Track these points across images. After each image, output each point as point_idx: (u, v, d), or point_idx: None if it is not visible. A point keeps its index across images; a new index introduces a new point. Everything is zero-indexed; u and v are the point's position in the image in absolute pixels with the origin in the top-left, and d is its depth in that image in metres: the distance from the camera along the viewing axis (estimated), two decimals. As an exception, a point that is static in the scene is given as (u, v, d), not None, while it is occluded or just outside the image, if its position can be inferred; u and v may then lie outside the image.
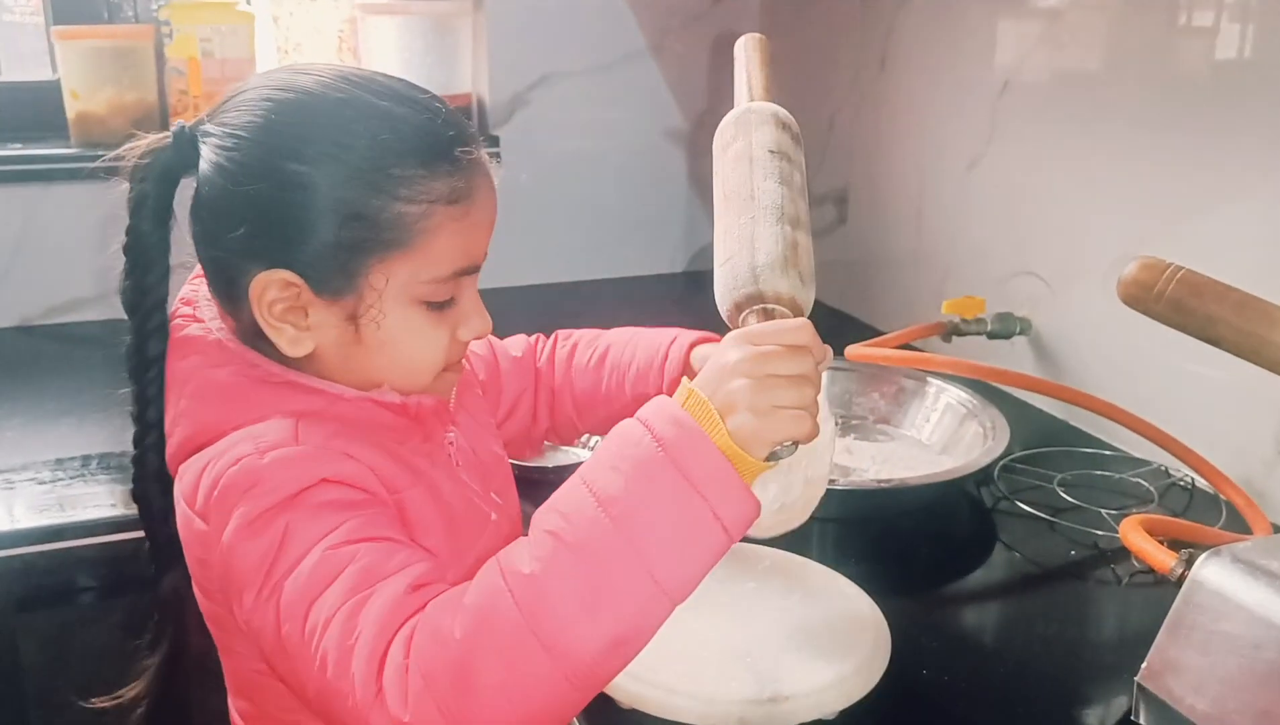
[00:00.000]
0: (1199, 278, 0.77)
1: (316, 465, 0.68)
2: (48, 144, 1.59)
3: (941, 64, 1.50)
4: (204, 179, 0.71)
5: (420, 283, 0.72)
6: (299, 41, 1.64)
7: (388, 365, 0.75)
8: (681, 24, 1.84)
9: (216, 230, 0.71)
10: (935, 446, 1.22)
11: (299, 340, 0.72)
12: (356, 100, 0.71)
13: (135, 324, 0.75)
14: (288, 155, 0.69)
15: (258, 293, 0.70)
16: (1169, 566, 0.79)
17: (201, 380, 0.73)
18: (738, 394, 0.62)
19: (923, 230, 1.56)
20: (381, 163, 0.69)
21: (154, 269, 0.75)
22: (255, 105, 0.71)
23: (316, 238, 0.69)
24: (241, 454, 0.68)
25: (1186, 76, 1.16)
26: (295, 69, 0.74)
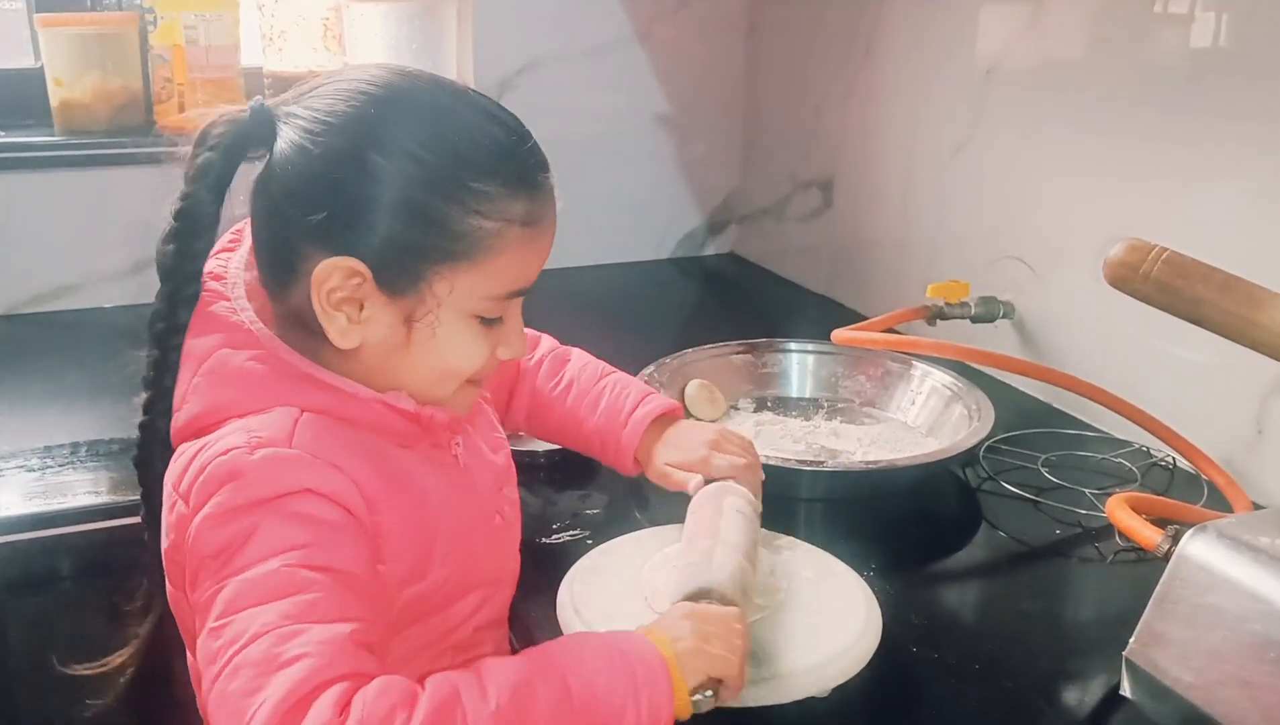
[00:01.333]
0: (1184, 259, 0.79)
1: (302, 472, 0.69)
2: (31, 131, 1.58)
3: (926, 51, 1.51)
4: (282, 158, 0.72)
5: (479, 297, 0.74)
6: (284, 29, 1.63)
7: (422, 370, 0.76)
8: (669, 9, 1.85)
9: (287, 209, 0.72)
10: (921, 428, 1.23)
11: (348, 332, 0.73)
12: (450, 109, 0.73)
13: (169, 289, 0.75)
14: (376, 148, 0.70)
15: (322, 276, 0.71)
16: (1155, 543, 0.81)
17: (218, 361, 0.74)
18: (684, 630, 0.70)
19: (908, 215, 1.58)
20: (465, 175, 0.71)
21: (202, 237, 0.75)
22: (350, 95, 0.72)
23: (390, 234, 0.70)
24: (232, 445, 0.69)
25: (1165, 63, 1.17)
26: (392, 68, 0.75)
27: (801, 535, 0.96)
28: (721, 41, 1.91)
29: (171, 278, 0.75)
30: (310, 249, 0.71)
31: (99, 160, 1.57)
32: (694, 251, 2.01)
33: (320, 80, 0.75)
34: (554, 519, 1.03)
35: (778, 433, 1.21)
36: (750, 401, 1.30)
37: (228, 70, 1.62)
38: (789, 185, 1.84)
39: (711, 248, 2.02)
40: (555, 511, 1.05)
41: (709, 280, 1.95)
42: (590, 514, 1.05)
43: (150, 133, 1.61)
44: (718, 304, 1.92)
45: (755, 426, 1.22)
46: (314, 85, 0.74)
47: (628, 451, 0.96)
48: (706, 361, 1.29)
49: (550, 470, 1.12)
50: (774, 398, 1.31)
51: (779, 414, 1.27)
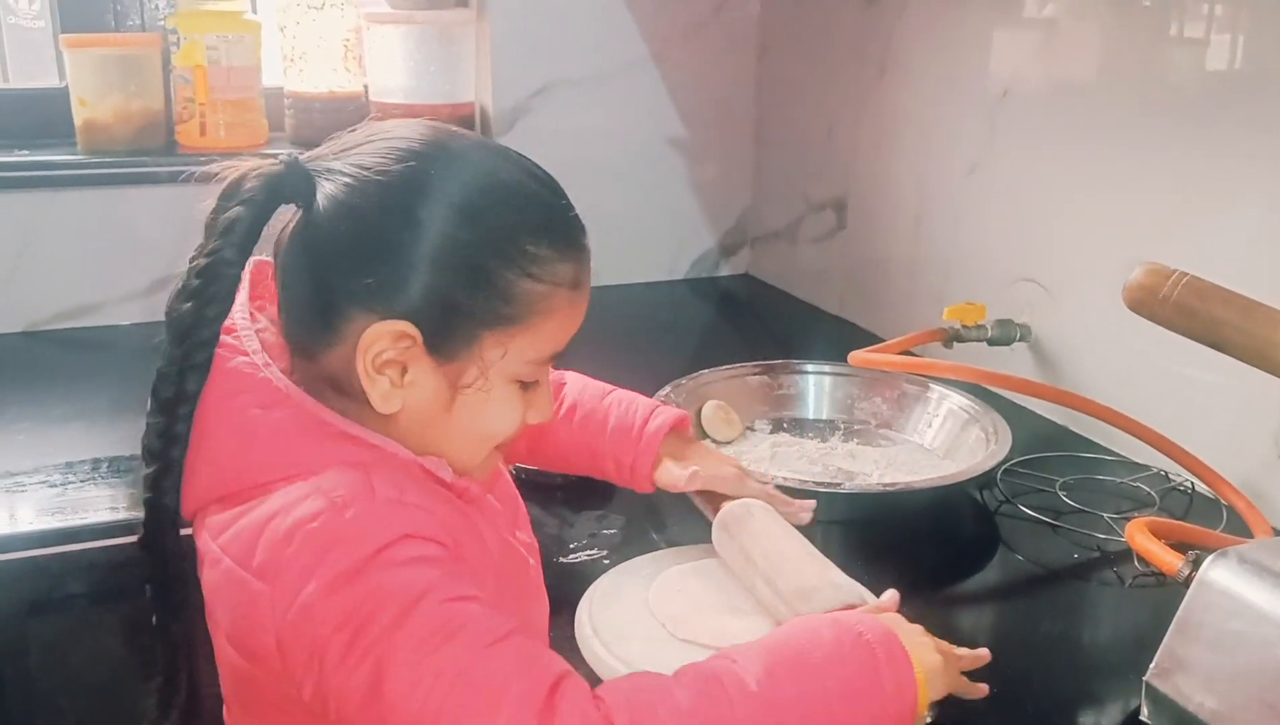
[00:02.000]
0: (1204, 283, 0.79)
1: (397, 520, 0.65)
2: (55, 150, 1.60)
3: (940, 72, 1.52)
4: (326, 216, 0.69)
5: (524, 361, 0.73)
6: (305, 51, 1.65)
7: (460, 436, 0.74)
8: (683, 33, 1.86)
9: (332, 269, 0.69)
10: (938, 451, 1.23)
11: (391, 396, 0.70)
12: (499, 170, 0.72)
13: (180, 352, 0.70)
14: (430, 209, 0.68)
15: (370, 339, 0.69)
16: (1175, 567, 0.81)
17: (246, 421, 0.70)
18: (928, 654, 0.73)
19: (922, 236, 1.58)
20: (520, 236, 0.70)
21: (220, 301, 0.70)
22: (400, 153, 0.69)
23: (443, 296, 0.69)
24: (317, 510, 0.65)
25: (1180, 85, 1.18)
26: (436, 126, 0.73)
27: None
28: (734, 64, 1.92)
29: (184, 341, 0.70)
30: (356, 310, 0.69)
31: (121, 180, 1.59)
32: (708, 272, 2.01)
33: (358, 136, 0.73)
34: (571, 539, 1.04)
35: (794, 454, 1.21)
36: (766, 423, 1.30)
37: (249, 91, 1.64)
38: (802, 206, 1.85)
39: (725, 269, 2.02)
40: (573, 532, 1.05)
41: (723, 301, 1.96)
42: (608, 534, 1.05)
43: (172, 153, 1.63)
44: (732, 325, 1.92)
45: (771, 448, 1.23)
46: (352, 141, 0.72)
47: (644, 469, 0.95)
48: (722, 383, 1.29)
49: (567, 490, 1.12)
50: (790, 419, 1.31)
51: (795, 435, 1.28)
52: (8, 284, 1.58)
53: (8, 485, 1.14)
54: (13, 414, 1.31)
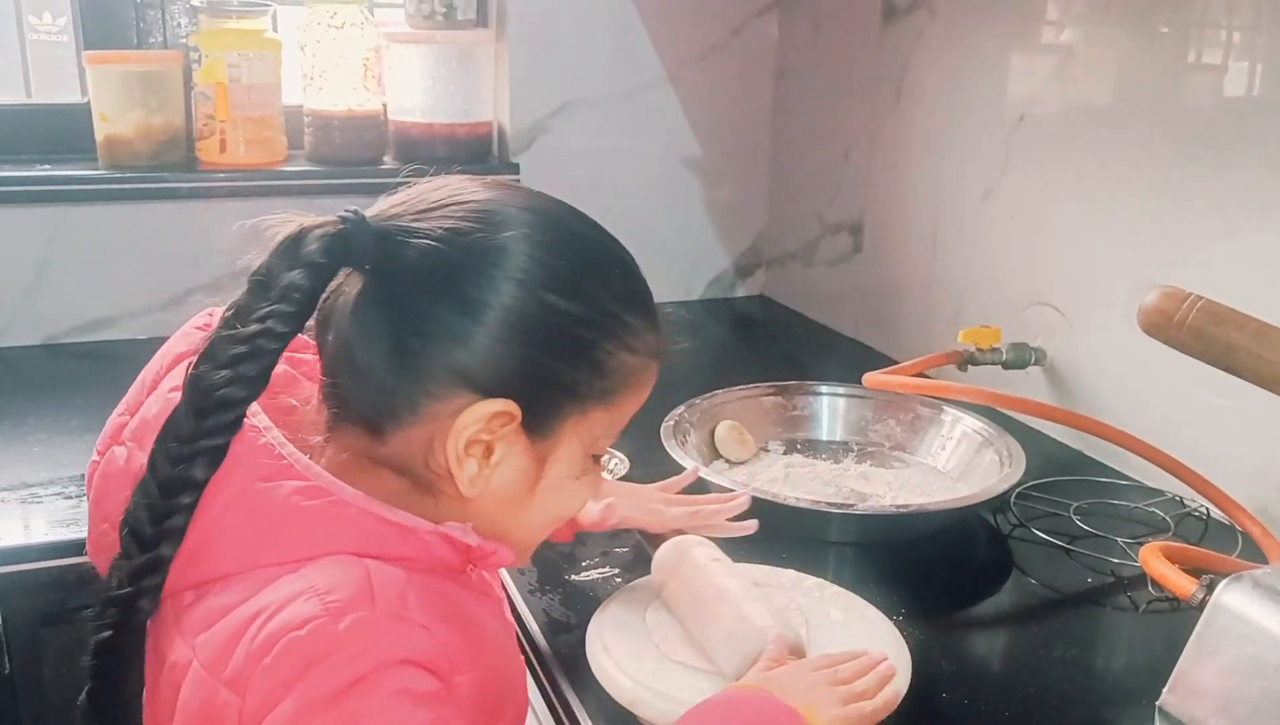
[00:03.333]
0: (1219, 307, 0.79)
1: (396, 640, 0.58)
2: (76, 165, 1.61)
3: (957, 96, 1.52)
4: (409, 282, 0.63)
5: (606, 436, 0.69)
6: (325, 69, 1.66)
7: (539, 516, 0.70)
8: (700, 54, 1.87)
9: (416, 341, 0.63)
10: (951, 474, 1.23)
11: (478, 479, 0.65)
12: (592, 235, 0.69)
13: (195, 429, 0.61)
14: (533, 278, 0.64)
15: (470, 419, 0.63)
16: (1190, 592, 0.80)
17: (240, 493, 0.61)
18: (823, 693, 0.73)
19: (937, 260, 1.58)
20: (619, 308, 0.67)
21: (257, 381, 0.62)
22: (492, 214, 0.64)
23: (544, 371, 0.64)
24: (307, 616, 0.57)
25: (1197, 111, 1.18)
26: (515, 188, 0.69)
27: (830, 578, 0.96)
28: (751, 85, 1.93)
29: (205, 416, 0.61)
30: (447, 387, 0.63)
31: (141, 195, 1.60)
32: (723, 293, 2.01)
33: (436, 194, 0.66)
34: (583, 556, 1.04)
35: (807, 475, 1.21)
36: (780, 443, 1.30)
37: (269, 108, 1.65)
38: (818, 228, 1.85)
39: (741, 290, 2.03)
40: (585, 549, 1.05)
41: (738, 322, 1.96)
42: (620, 552, 1.05)
43: (192, 169, 1.64)
44: (747, 346, 1.92)
45: (785, 469, 1.23)
46: (432, 200, 0.66)
47: None
48: (736, 403, 1.30)
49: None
50: (804, 440, 1.31)
51: (809, 456, 1.27)
52: (28, 297, 1.59)
53: (24, 497, 1.15)
54: (30, 426, 1.32)
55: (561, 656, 0.89)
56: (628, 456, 1.19)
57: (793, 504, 1.06)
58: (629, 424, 0.72)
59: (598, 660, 0.84)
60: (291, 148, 1.72)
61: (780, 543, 1.03)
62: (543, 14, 1.76)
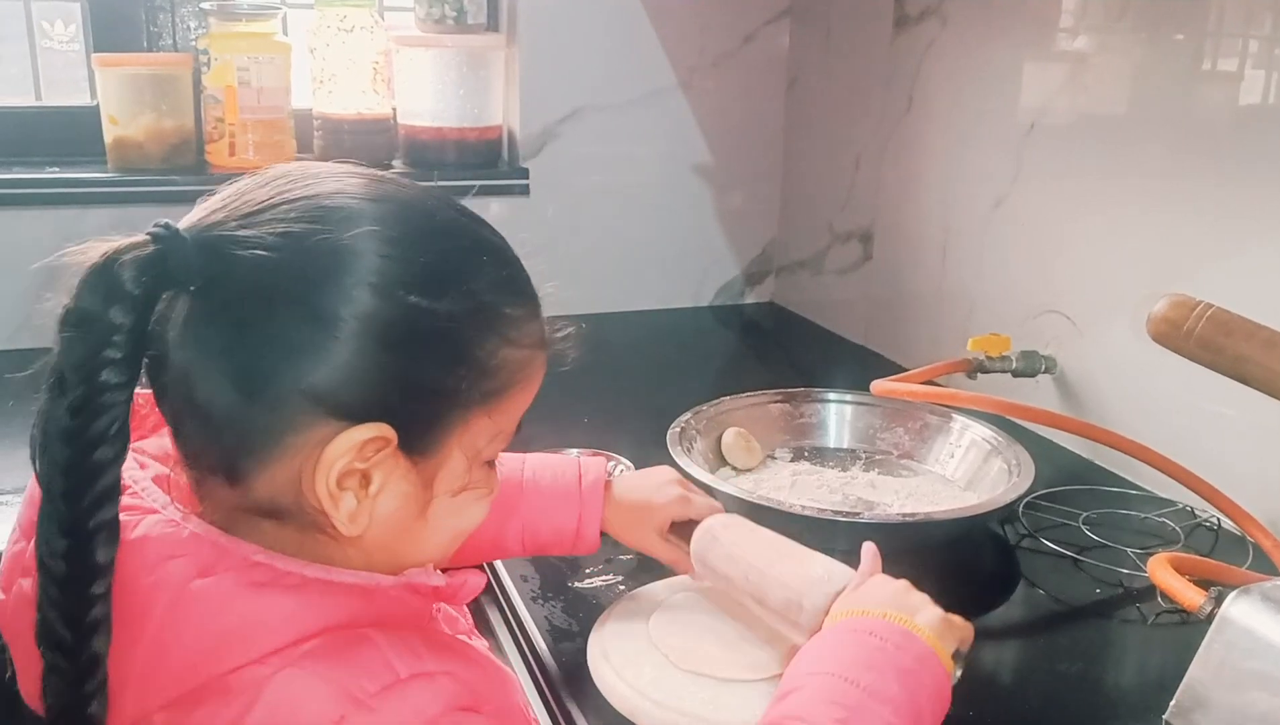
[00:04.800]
0: (1228, 316, 0.78)
1: (431, 697, 0.54)
2: (85, 168, 1.62)
3: (968, 105, 1.51)
4: (243, 299, 0.55)
5: (499, 439, 0.62)
6: (334, 72, 1.66)
7: (434, 540, 0.62)
8: (711, 61, 1.87)
9: (263, 367, 0.55)
10: (959, 482, 1.22)
11: (358, 515, 0.57)
12: (457, 222, 0.61)
13: (70, 516, 0.53)
14: (391, 278, 0.55)
15: (340, 450, 0.55)
16: (1198, 604, 0.79)
17: (190, 598, 0.54)
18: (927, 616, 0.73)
19: (948, 268, 1.57)
20: (498, 299, 0.60)
21: (114, 441, 0.53)
22: (333, 209, 0.56)
23: (418, 383, 0.57)
24: (338, 715, 0.52)
25: (1211, 121, 1.17)
26: (355, 171, 0.60)
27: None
28: (762, 93, 1.92)
29: (74, 501, 0.53)
30: (306, 415, 0.55)
31: (150, 197, 1.60)
32: (733, 300, 2.01)
33: (262, 192, 0.58)
34: (586, 564, 1.03)
35: (814, 483, 1.21)
36: (787, 451, 1.29)
37: (278, 112, 1.66)
38: (827, 237, 1.85)
39: (751, 297, 2.02)
40: (587, 557, 1.04)
41: (747, 329, 1.95)
42: (623, 559, 1.04)
43: (201, 172, 1.64)
44: (755, 353, 1.92)
45: (792, 476, 1.22)
46: (257, 199, 0.57)
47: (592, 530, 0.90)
48: (744, 410, 1.29)
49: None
50: (811, 448, 1.30)
51: (816, 464, 1.27)
52: (38, 300, 1.59)
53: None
54: (36, 427, 1.32)
55: (563, 664, 0.88)
56: (632, 463, 1.18)
57: (799, 512, 1.05)
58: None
59: (599, 669, 0.84)
60: (301, 151, 1.72)
61: (785, 551, 1.02)
62: (554, 19, 1.76)
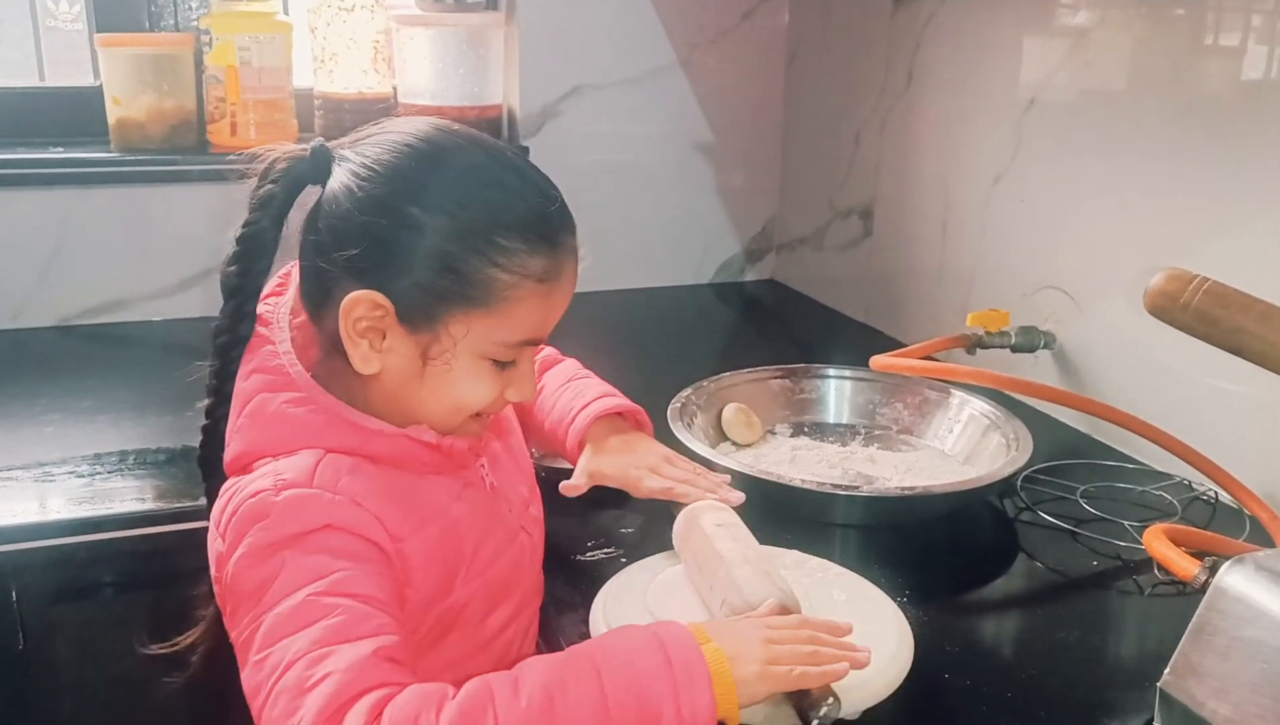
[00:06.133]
0: (1224, 289, 0.78)
1: (324, 510, 0.74)
2: (88, 148, 1.62)
3: (968, 80, 1.51)
4: (330, 197, 0.79)
5: (491, 342, 0.80)
6: (335, 52, 1.67)
7: (434, 402, 0.82)
8: (710, 39, 1.87)
9: (329, 243, 0.78)
10: (958, 457, 1.23)
11: (370, 358, 0.79)
12: (485, 166, 0.79)
13: (233, 307, 0.82)
14: (409, 198, 0.77)
15: (349, 306, 0.77)
16: (1192, 573, 0.80)
17: (259, 404, 0.80)
18: (750, 646, 0.71)
19: (947, 244, 1.58)
20: (488, 229, 0.77)
21: (261, 260, 0.82)
22: (395, 145, 0.78)
23: (414, 276, 0.77)
24: (260, 488, 0.75)
25: (1211, 96, 1.17)
26: (437, 124, 0.82)
27: (836, 560, 0.97)
28: (762, 70, 1.92)
29: (235, 296, 0.82)
30: (344, 281, 0.78)
31: (153, 177, 1.61)
32: (733, 277, 2.02)
33: (374, 128, 0.82)
34: (589, 537, 1.04)
35: (814, 458, 1.22)
36: (787, 426, 1.30)
37: (280, 91, 1.66)
38: (828, 213, 1.85)
39: (751, 274, 2.03)
40: (590, 529, 1.05)
41: (748, 306, 1.96)
42: (624, 532, 1.05)
43: (203, 151, 1.65)
44: (756, 329, 1.92)
45: (792, 451, 1.23)
46: (369, 132, 0.81)
47: (572, 449, 1.02)
48: (744, 386, 1.30)
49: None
50: (811, 423, 1.31)
51: (816, 439, 1.28)
52: (41, 279, 1.60)
53: (37, 475, 1.16)
54: (43, 406, 1.33)
55: (566, 635, 0.90)
56: None
57: (799, 486, 1.06)
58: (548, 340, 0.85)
59: (602, 639, 0.85)
60: (302, 130, 1.73)
61: (786, 524, 1.03)
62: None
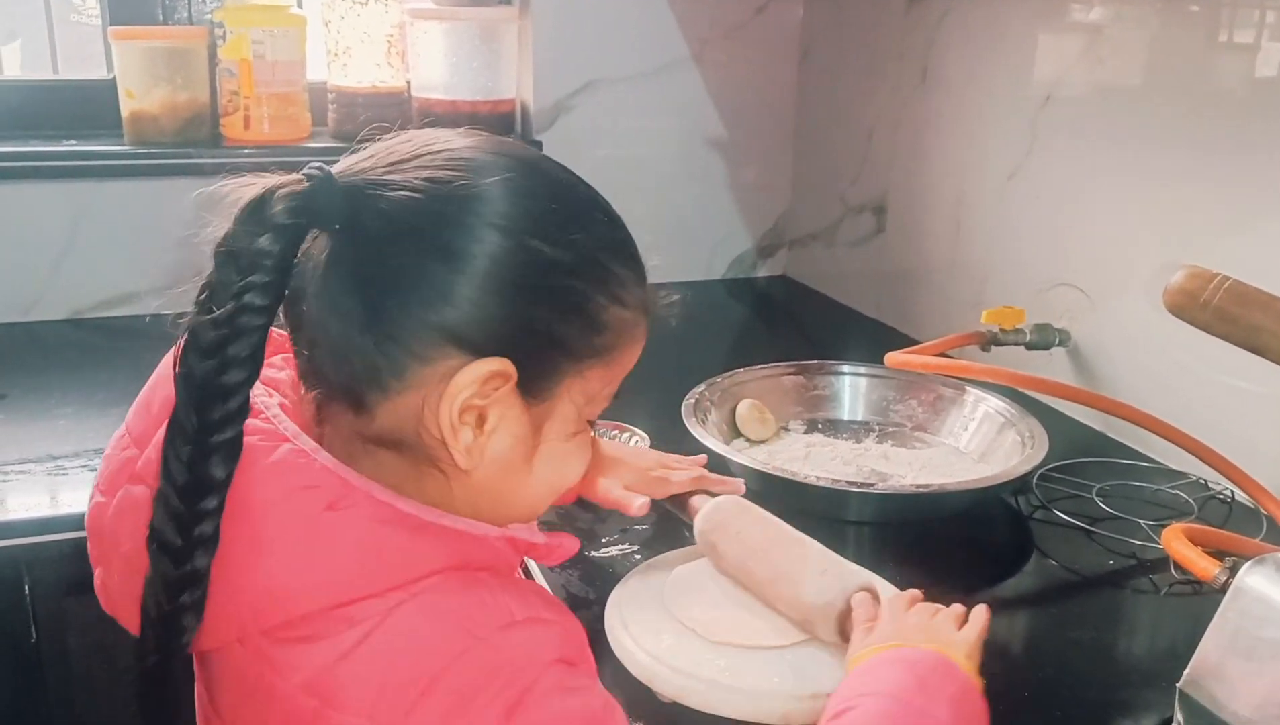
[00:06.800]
0: (1245, 287, 0.78)
1: (541, 643, 0.58)
2: (101, 141, 1.62)
3: (983, 76, 1.51)
4: (381, 237, 0.58)
5: (603, 396, 0.66)
6: (349, 45, 1.66)
7: (536, 489, 0.65)
8: (724, 34, 1.86)
9: (395, 300, 0.58)
10: (973, 454, 1.22)
11: (474, 449, 0.61)
12: (575, 187, 0.65)
13: (197, 425, 0.56)
14: (518, 225, 0.59)
15: (464, 381, 0.58)
16: (1212, 574, 0.80)
17: (316, 526, 0.57)
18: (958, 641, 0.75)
19: (961, 240, 1.57)
20: (609, 258, 0.63)
21: (248, 363, 0.57)
22: (468, 162, 0.61)
23: (536, 326, 0.60)
24: (457, 649, 0.56)
25: (1226, 92, 1.16)
26: (489, 136, 0.65)
27: (850, 557, 0.96)
28: (775, 65, 1.92)
29: (204, 410, 0.56)
30: (434, 348, 0.58)
31: (166, 170, 1.61)
32: (745, 273, 2.01)
33: (408, 146, 0.63)
34: (603, 533, 1.04)
35: (828, 454, 1.21)
36: (801, 423, 1.30)
37: (293, 85, 1.66)
38: (840, 209, 1.85)
39: (763, 270, 2.02)
40: (604, 526, 1.05)
41: (760, 302, 1.95)
42: (639, 529, 1.05)
43: (216, 145, 1.65)
44: (768, 326, 1.92)
45: (805, 448, 1.22)
46: (404, 152, 0.62)
47: None
48: (757, 382, 1.29)
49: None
50: (825, 420, 1.31)
51: (829, 436, 1.27)
52: (54, 271, 1.60)
53: (50, 469, 1.16)
54: (55, 400, 1.33)
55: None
56: (648, 434, 1.19)
57: (813, 483, 1.06)
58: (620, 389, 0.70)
59: (616, 636, 0.85)
60: (315, 124, 1.73)
61: (800, 522, 1.02)
62: (566, -9, 1.76)
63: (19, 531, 1.06)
